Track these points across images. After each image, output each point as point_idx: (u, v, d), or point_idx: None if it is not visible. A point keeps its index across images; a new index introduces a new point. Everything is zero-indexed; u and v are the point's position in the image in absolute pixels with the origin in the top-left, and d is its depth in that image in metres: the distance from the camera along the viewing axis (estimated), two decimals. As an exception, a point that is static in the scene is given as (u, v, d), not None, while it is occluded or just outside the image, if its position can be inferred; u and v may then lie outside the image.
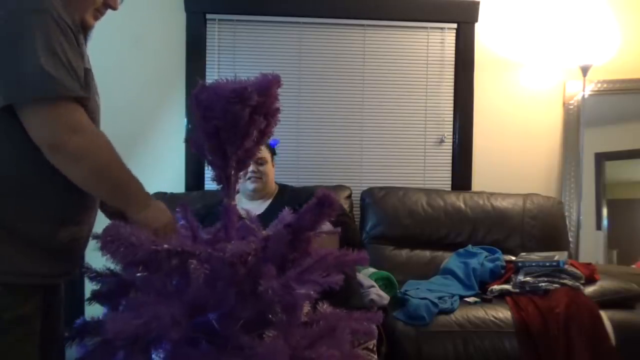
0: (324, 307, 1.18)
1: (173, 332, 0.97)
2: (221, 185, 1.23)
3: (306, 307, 1.17)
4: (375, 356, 1.83)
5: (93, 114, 1.16)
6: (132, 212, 1.15)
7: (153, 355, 1.05)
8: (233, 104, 1.10)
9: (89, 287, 1.25)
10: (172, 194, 2.62)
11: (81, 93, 1.06)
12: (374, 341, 1.85)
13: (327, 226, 1.81)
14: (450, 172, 3.00)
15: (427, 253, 2.69)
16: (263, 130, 1.20)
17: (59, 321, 1.26)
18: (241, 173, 1.25)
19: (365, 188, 2.85)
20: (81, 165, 1.07)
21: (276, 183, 2.30)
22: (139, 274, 1.13)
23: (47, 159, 1.05)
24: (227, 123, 1.13)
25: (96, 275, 1.21)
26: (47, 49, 1.00)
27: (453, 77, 2.98)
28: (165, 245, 1.06)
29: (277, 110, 1.20)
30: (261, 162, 2.17)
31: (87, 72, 1.14)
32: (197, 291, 1.04)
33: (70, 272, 1.20)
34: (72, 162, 1.06)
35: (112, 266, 1.19)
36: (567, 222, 2.88)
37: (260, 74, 1.16)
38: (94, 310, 1.33)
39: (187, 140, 1.26)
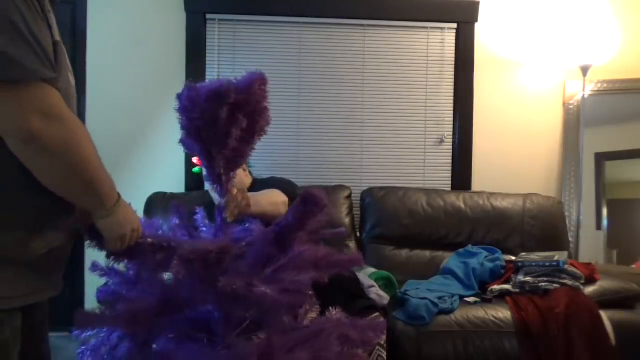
0: (334, 313, 1.16)
1: (136, 328, 0.98)
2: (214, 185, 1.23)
3: (314, 313, 1.16)
4: (385, 352, 1.84)
5: (66, 94, 1.01)
6: (100, 214, 1.03)
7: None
8: (210, 103, 1.09)
9: (90, 287, 1.25)
10: (172, 193, 2.62)
11: (48, 74, 0.89)
12: (384, 337, 1.86)
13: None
14: (450, 172, 3.00)
15: (427, 253, 2.69)
16: (253, 129, 1.17)
17: (43, 343, 1.14)
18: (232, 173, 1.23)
19: (365, 188, 2.85)
20: (57, 160, 0.90)
21: (255, 179, 2.31)
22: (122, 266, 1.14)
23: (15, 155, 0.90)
24: (206, 122, 1.11)
25: (105, 274, 1.20)
26: (4, 22, 0.85)
27: (453, 77, 2.98)
28: (149, 240, 1.09)
29: (265, 109, 1.17)
30: None
31: (57, 45, 0.97)
32: (164, 287, 1.05)
33: (52, 287, 1.06)
34: (46, 156, 0.90)
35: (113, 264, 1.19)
36: (567, 222, 2.88)
37: (246, 72, 1.13)
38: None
39: (181, 141, 1.23)
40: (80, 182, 0.96)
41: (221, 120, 1.10)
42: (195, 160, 2.16)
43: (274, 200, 1.85)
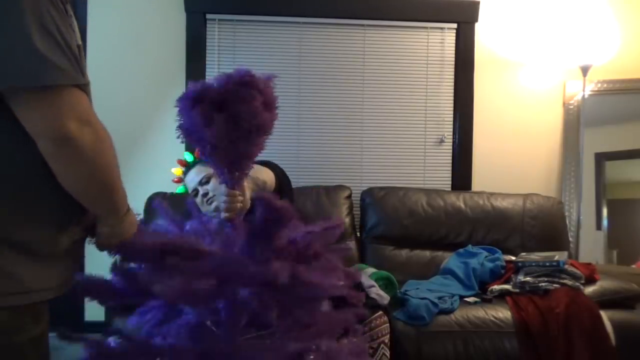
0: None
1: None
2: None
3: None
4: (389, 351, 1.85)
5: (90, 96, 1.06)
6: (111, 221, 1.05)
7: None
8: (194, 105, 1.11)
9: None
10: (172, 193, 2.62)
11: (81, 79, 0.92)
12: (388, 335, 1.87)
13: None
14: (450, 172, 3.00)
15: (427, 253, 2.69)
16: (243, 131, 1.14)
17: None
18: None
19: (365, 188, 2.85)
20: (84, 164, 0.92)
21: None
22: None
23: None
24: (192, 125, 1.13)
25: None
26: (39, 26, 0.85)
27: (453, 77, 2.98)
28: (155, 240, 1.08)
29: (251, 106, 1.11)
30: (205, 181, 1.91)
31: (80, 48, 0.99)
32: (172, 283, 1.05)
33: (71, 280, 1.08)
34: (75, 159, 0.91)
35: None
36: (567, 222, 2.88)
37: (235, 70, 1.11)
38: (94, 310, 1.33)
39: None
40: (99, 188, 0.98)
41: (203, 122, 1.11)
42: (175, 176, 2.10)
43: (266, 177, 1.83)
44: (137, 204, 1.22)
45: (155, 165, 2.81)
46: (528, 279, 2.23)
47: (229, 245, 1.08)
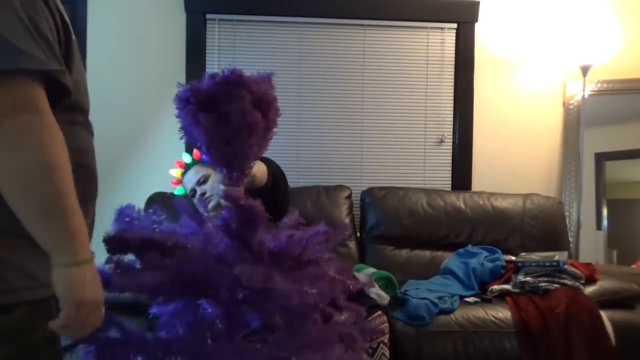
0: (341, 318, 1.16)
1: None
2: None
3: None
4: (388, 351, 1.85)
5: (82, 86, 1.01)
6: (61, 258, 0.85)
7: None
8: (185, 106, 1.13)
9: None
10: (172, 193, 2.62)
11: (52, 66, 0.84)
12: (388, 335, 1.87)
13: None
14: (450, 172, 3.00)
15: (427, 253, 2.69)
16: (232, 131, 1.14)
17: None
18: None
19: (365, 188, 2.85)
20: (19, 152, 0.80)
21: None
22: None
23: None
24: (186, 125, 1.15)
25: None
26: (5, 9, 0.81)
27: (453, 77, 2.98)
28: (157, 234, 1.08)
29: (242, 109, 1.11)
30: (202, 180, 1.95)
31: (73, 42, 0.95)
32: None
33: None
34: (7, 146, 0.80)
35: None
36: (567, 222, 2.88)
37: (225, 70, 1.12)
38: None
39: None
40: (40, 194, 0.82)
41: (197, 121, 1.12)
42: (174, 177, 2.12)
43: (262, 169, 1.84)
44: (137, 204, 1.22)
45: (155, 165, 2.81)
46: (528, 279, 2.23)
47: (208, 245, 1.07)
